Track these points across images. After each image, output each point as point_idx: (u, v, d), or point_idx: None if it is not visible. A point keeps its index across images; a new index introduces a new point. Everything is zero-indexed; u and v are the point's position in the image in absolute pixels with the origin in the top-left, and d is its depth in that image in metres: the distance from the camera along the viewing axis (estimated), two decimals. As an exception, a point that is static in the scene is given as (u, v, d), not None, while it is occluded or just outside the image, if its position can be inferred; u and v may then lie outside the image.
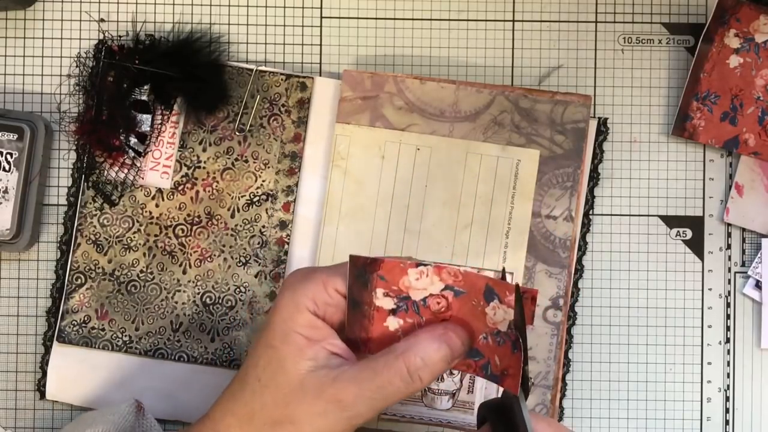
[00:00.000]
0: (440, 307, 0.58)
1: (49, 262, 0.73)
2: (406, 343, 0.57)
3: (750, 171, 0.73)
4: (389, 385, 0.56)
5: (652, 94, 0.74)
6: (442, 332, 0.57)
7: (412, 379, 0.56)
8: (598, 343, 0.73)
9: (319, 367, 0.56)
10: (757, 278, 0.73)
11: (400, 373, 0.56)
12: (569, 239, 0.71)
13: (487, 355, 0.58)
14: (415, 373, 0.56)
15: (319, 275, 0.58)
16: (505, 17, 0.74)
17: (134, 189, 0.73)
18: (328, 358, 0.57)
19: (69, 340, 0.72)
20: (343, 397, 0.56)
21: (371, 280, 0.57)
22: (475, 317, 0.57)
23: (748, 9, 0.72)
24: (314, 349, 0.57)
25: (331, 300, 0.58)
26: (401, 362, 0.56)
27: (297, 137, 0.73)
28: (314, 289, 0.58)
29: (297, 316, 0.57)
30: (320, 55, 0.74)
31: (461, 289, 0.57)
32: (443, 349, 0.57)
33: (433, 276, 0.57)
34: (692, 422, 0.73)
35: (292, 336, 0.57)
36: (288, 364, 0.57)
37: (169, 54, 0.71)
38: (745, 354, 0.73)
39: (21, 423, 0.73)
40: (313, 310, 0.58)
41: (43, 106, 0.74)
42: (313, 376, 0.56)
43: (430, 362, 0.56)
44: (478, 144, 0.72)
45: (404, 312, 0.58)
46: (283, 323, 0.57)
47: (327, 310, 0.58)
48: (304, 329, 0.57)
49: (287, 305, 0.58)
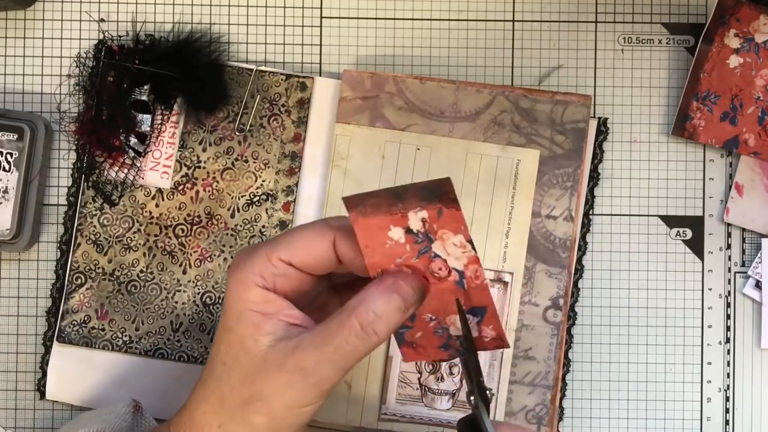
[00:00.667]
0: (437, 273, 0.57)
1: (49, 262, 0.74)
2: (357, 299, 0.56)
3: (750, 171, 0.73)
4: (346, 344, 0.55)
5: (652, 94, 0.74)
6: (391, 282, 0.56)
7: (366, 334, 0.55)
8: (598, 343, 0.73)
9: (279, 340, 0.56)
10: (757, 278, 0.73)
11: (354, 330, 0.55)
12: (569, 239, 0.71)
13: (417, 326, 0.58)
14: (369, 327, 0.55)
15: (261, 249, 0.57)
16: (505, 17, 0.74)
17: (134, 189, 0.73)
18: (286, 330, 0.56)
19: (69, 340, 0.72)
20: (304, 364, 0.55)
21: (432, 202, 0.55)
22: (444, 303, 0.57)
23: (748, 9, 0.72)
24: (271, 323, 0.56)
25: (277, 270, 0.57)
26: (353, 319, 0.55)
27: (297, 137, 0.73)
28: (258, 263, 0.57)
29: (247, 294, 0.57)
30: (320, 55, 0.74)
31: (465, 286, 0.57)
32: (395, 299, 0.55)
33: (465, 257, 0.56)
34: (692, 422, 0.73)
35: (247, 314, 0.57)
36: (247, 342, 0.56)
37: (169, 54, 0.71)
38: (745, 354, 0.73)
39: (21, 423, 0.73)
40: (262, 284, 0.57)
41: (43, 106, 0.74)
42: (273, 350, 0.56)
43: (383, 314, 0.55)
44: (478, 144, 0.72)
45: (414, 242, 0.56)
46: (235, 304, 0.57)
47: (276, 281, 0.57)
48: (256, 305, 0.57)
49: (236, 285, 0.57)
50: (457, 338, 0.58)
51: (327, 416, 0.71)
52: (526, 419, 0.71)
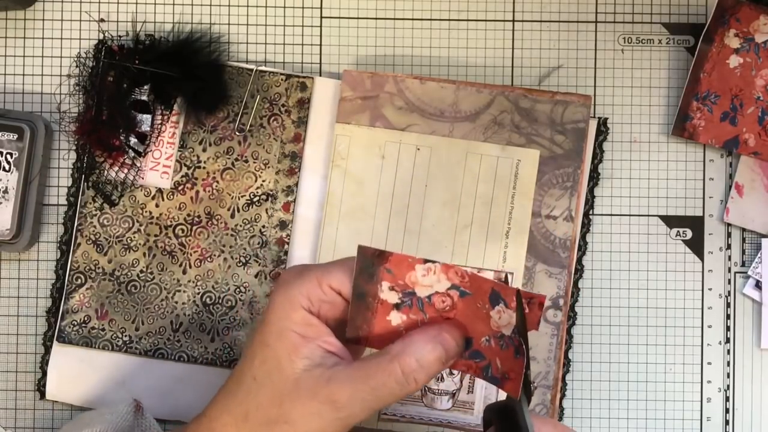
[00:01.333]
0: (445, 306, 0.58)
1: (49, 262, 0.74)
2: (401, 344, 0.56)
3: (750, 171, 0.73)
4: (383, 387, 0.56)
5: (652, 94, 0.74)
6: (436, 333, 0.56)
7: (407, 381, 0.56)
8: (598, 343, 0.73)
9: (314, 366, 0.56)
10: (757, 278, 0.73)
11: (395, 375, 0.56)
12: (569, 239, 0.71)
13: (489, 357, 0.58)
14: (410, 375, 0.56)
15: (313, 272, 0.58)
16: (505, 17, 0.74)
17: (134, 189, 0.73)
18: (323, 357, 0.56)
19: (69, 340, 0.72)
20: (337, 398, 0.55)
21: (378, 272, 0.57)
22: (479, 319, 0.57)
23: (748, 9, 0.72)
24: (309, 348, 0.57)
25: (325, 297, 0.57)
26: (396, 364, 0.56)
27: (297, 137, 0.73)
28: (309, 286, 0.57)
29: (292, 314, 0.57)
30: (320, 55, 0.74)
31: (467, 290, 0.57)
32: (438, 350, 0.56)
33: (440, 274, 0.57)
34: (692, 422, 0.73)
35: (287, 334, 0.57)
36: (283, 362, 0.56)
37: (169, 54, 0.71)
38: (745, 354, 0.73)
39: (21, 423, 0.73)
40: (308, 307, 0.57)
41: (43, 106, 0.74)
42: (308, 376, 0.56)
43: (425, 364, 0.56)
44: (478, 144, 0.72)
45: (408, 308, 0.58)
46: (278, 321, 0.57)
47: (322, 307, 0.57)
48: (299, 327, 0.57)
49: (282, 303, 0.57)
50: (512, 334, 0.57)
51: (327, 416, 0.71)
52: (526, 419, 0.71)
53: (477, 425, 0.71)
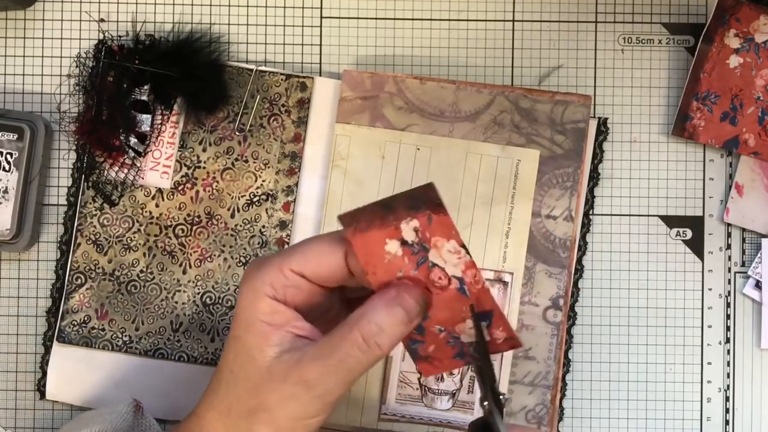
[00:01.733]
0: (437, 282, 0.57)
1: (49, 262, 0.74)
2: (359, 312, 0.56)
3: (750, 171, 0.73)
4: (349, 357, 0.55)
5: (652, 94, 0.74)
6: (394, 294, 0.56)
7: (369, 347, 0.55)
8: (598, 343, 0.73)
9: (285, 351, 0.56)
10: (757, 278, 0.73)
11: (357, 343, 0.55)
12: (569, 239, 0.71)
13: (428, 339, 0.58)
14: (371, 340, 0.55)
15: (273, 259, 0.57)
16: (505, 17, 0.74)
17: (134, 189, 0.73)
18: (293, 342, 0.56)
19: (69, 340, 0.72)
20: (307, 377, 0.55)
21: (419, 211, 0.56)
22: (450, 312, 0.57)
23: (748, 9, 0.72)
24: (278, 335, 0.56)
25: (288, 282, 0.57)
26: (356, 332, 0.55)
27: (297, 137, 0.73)
28: (270, 273, 0.57)
29: (257, 303, 0.57)
30: (320, 55, 0.74)
31: (467, 292, 0.57)
32: (398, 312, 0.55)
33: (462, 263, 0.56)
34: (692, 422, 0.73)
35: (255, 324, 0.57)
36: (254, 352, 0.56)
37: (169, 54, 0.71)
38: (745, 354, 0.73)
39: (21, 423, 0.73)
40: (272, 295, 0.57)
41: (43, 106, 0.74)
42: (279, 362, 0.56)
43: (386, 327, 0.55)
44: (478, 144, 0.72)
45: (411, 253, 0.56)
46: (244, 313, 0.57)
47: (287, 292, 0.57)
48: (265, 316, 0.57)
49: (246, 294, 0.57)
50: (469, 345, 0.58)
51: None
52: (526, 419, 0.71)
53: (477, 425, 0.71)
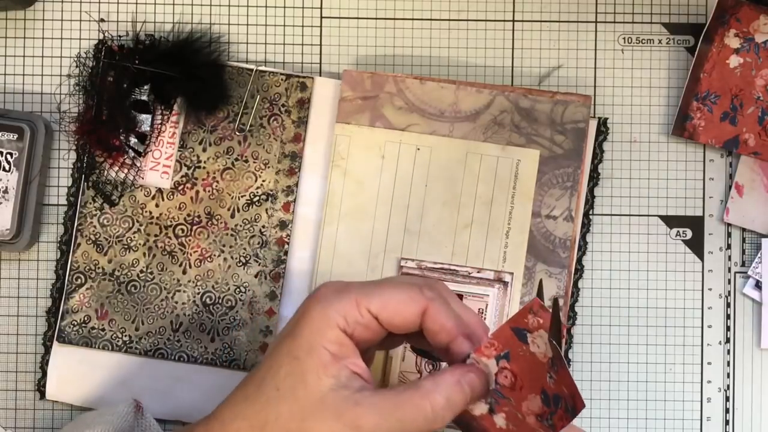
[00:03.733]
0: (509, 379, 0.58)
1: (49, 262, 0.74)
2: (432, 382, 0.56)
3: (750, 171, 0.73)
4: (412, 422, 0.56)
5: (652, 94, 0.74)
6: (464, 372, 0.57)
7: (435, 418, 0.56)
8: (598, 343, 0.73)
9: (341, 387, 0.56)
10: (757, 278, 0.73)
11: (425, 412, 0.56)
12: (569, 239, 0.71)
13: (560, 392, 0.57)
14: (439, 412, 0.56)
15: (353, 292, 0.58)
16: (505, 17, 0.74)
17: (134, 189, 0.73)
18: (349, 378, 0.56)
19: (69, 340, 0.72)
20: (362, 423, 0.55)
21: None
22: (533, 364, 0.57)
23: (748, 9, 0.72)
24: (338, 367, 0.56)
25: (362, 319, 0.57)
26: (427, 401, 0.56)
27: (297, 137, 0.73)
28: (347, 305, 0.57)
29: (327, 331, 0.57)
30: (320, 55, 0.74)
31: (505, 350, 0.57)
32: (465, 391, 0.57)
33: (481, 359, 0.58)
34: (692, 422, 0.73)
35: (319, 350, 0.56)
36: (310, 377, 0.56)
37: (169, 54, 0.71)
38: (745, 354, 0.73)
39: (21, 423, 0.73)
40: (343, 327, 0.57)
41: (43, 106, 0.74)
42: (334, 395, 0.56)
43: (453, 403, 0.56)
44: (478, 144, 0.72)
45: (498, 405, 0.58)
46: (311, 335, 0.57)
47: (356, 329, 0.57)
48: (331, 345, 0.57)
49: (318, 318, 0.57)
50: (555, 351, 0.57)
51: (327, 416, 0.71)
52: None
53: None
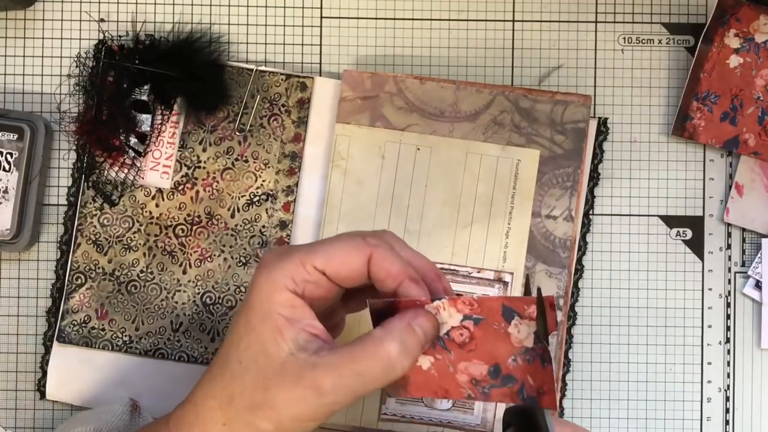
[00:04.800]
0: (464, 338, 0.57)
1: (49, 262, 0.74)
2: (383, 330, 0.56)
3: (750, 171, 0.73)
4: (369, 373, 0.55)
5: (652, 94, 0.74)
6: (413, 316, 0.57)
7: (392, 366, 0.56)
8: (598, 343, 0.73)
9: (299, 350, 0.56)
10: (757, 278, 0.73)
11: (381, 360, 0.55)
12: (569, 239, 0.71)
13: (520, 377, 0.58)
14: (396, 358, 0.56)
15: (295, 253, 0.58)
16: (505, 17, 0.74)
17: (134, 189, 0.73)
18: (307, 341, 0.56)
19: (69, 340, 0.72)
20: (321, 383, 0.55)
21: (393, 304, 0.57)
22: (499, 340, 0.57)
23: (748, 9, 0.72)
24: (294, 330, 0.56)
25: (309, 277, 0.57)
26: (382, 349, 0.56)
27: (297, 137, 0.73)
28: (292, 266, 0.57)
29: (276, 296, 0.57)
30: (320, 55, 0.74)
31: (480, 316, 0.57)
32: (418, 333, 0.56)
33: (449, 308, 0.57)
34: (692, 422, 0.73)
35: (273, 316, 0.56)
36: (269, 345, 0.56)
37: (169, 54, 0.71)
38: (745, 354, 0.73)
39: (21, 423, 0.73)
40: (293, 289, 0.57)
41: (43, 106, 0.74)
42: (293, 360, 0.56)
43: (408, 347, 0.56)
44: (478, 144, 0.72)
45: (432, 349, 0.58)
46: (262, 303, 0.57)
47: (306, 287, 0.57)
48: (284, 309, 0.57)
49: (265, 285, 0.57)
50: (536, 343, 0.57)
51: (327, 416, 0.71)
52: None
53: (477, 425, 0.71)
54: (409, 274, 0.58)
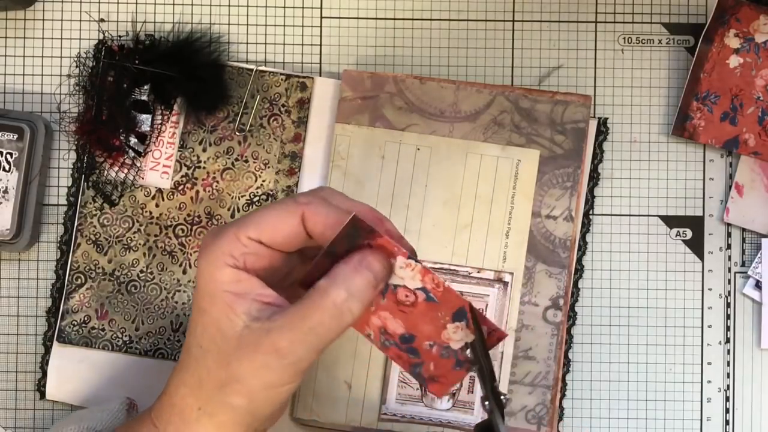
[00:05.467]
0: (406, 300, 0.57)
1: (49, 262, 0.74)
2: (328, 279, 0.56)
3: (750, 171, 0.73)
4: (320, 325, 0.55)
5: (652, 94, 0.74)
6: (360, 258, 0.56)
7: (341, 312, 0.55)
8: (598, 343, 0.73)
9: (253, 320, 0.56)
10: (757, 278, 0.73)
11: (329, 310, 0.55)
12: (569, 239, 0.71)
13: (425, 359, 0.59)
14: (344, 305, 0.55)
15: (228, 228, 0.58)
16: (505, 17, 0.74)
17: (134, 189, 0.73)
18: (260, 310, 0.56)
19: (69, 340, 0.72)
20: (279, 345, 0.55)
21: (359, 244, 0.56)
22: (431, 325, 0.58)
23: (748, 9, 0.72)
24: (244, 303, 0.56)
25: (247, 249, 0.57)
26: (327, 299, 0.55)
27: (297, 137, 0.73)
28: (227, 242, 0.57)
29: (218, 274, 0.57)
30: (320, 55, 0.74)
31: (434, 298, 0.57)
32: (365, 275, 0.56)
33: (417, 273, 0.57)
34: (692, 422, 0.73)
35: (220, 295, 0.56)
36: (222, 324, 0.56)
37: (169, 54, 0.71)
38: (745, 354, 0.73)
39: (21, 423, 0.73)
40: (233, 264, 0.57)
41: (43, 106, 0.74)
42: (248, 331, 0.56)
43: (355, 291, 0.56)
44: (478, 144, 0.72)
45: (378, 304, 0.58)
46: (207, 285, 0.57)
47: (247, 260, 0.57)
48: (229, 285, 0.57)
49: (206, 266, 0.57)
50: (462, 350, 0.58)
51: (327, 416, 0.71)
52: (526, 419, 0.71)
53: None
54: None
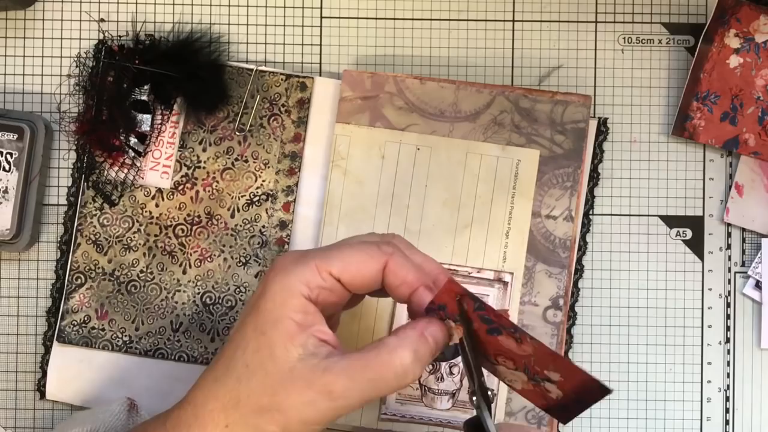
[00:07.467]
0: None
1: (49, 262, 0.74)
2: (396, 339, 0.57)
3: (750, 171, 0.73)
4: (381, 380, 0.56)
5: (652, 94, 0.74)
6: (425, 326, 0.57)
7: (405, 374, 0.56)
8: (598, 343, 0.73)
9: (309, 355, 0.56)
10: (757, 278, 0.73)
11: (394, 368, 0.56)
12: (569, 239, 0.71)
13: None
14: (409, 367, 0.56)
15: (311, 259, 0.58)
16: (505, 17, 0.74)
17: (134, 189, 0.73)
18: (317, 346, 0.56)
19: (69, 340, 0.72)
20: (333, 388, 0.55)
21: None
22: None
23: (748, 9, 0.72)
24: (304, 336, 0.56)
25: (324, 284, 0.57)
26: (395, 357, 0.56)
27: (297, 137, 0.73)
28: (308, 272, 0.57)
29: (290, 301, 0.57)
30: (320, 55, 0.74)
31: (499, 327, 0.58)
32: (430, 342, 0.57)
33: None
34: (692, 422, 0.73)
35: (284, 321, 0.56)
36: (278, 350, 0.56)
37: (169, 54, 0.71)
38: (745, 354, 0.73)
39: (21, 423, 0.73)
40: (307, 295, 0.57)
41: (43, 106, 0.74)
42: (302, 365, 0.56)
43: (420, 356, 0.56)
44: (478, 144, 0.72)
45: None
46: (275, 308, 0.57)
47: (320, 294, 0.57)
48: (296, 314, 0.57)
49: (280, 290, 0.57)
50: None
51: (327, 416, 0.71)
52: (526, 419, 0.71)
53: (477, 425, 0.71)
54: (423, 281, 0.58)
